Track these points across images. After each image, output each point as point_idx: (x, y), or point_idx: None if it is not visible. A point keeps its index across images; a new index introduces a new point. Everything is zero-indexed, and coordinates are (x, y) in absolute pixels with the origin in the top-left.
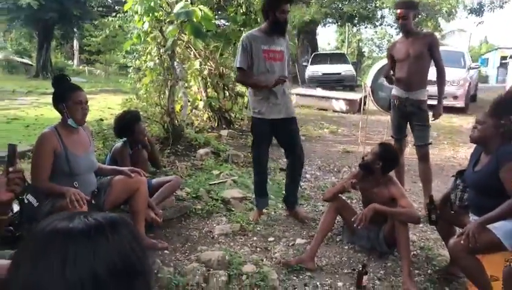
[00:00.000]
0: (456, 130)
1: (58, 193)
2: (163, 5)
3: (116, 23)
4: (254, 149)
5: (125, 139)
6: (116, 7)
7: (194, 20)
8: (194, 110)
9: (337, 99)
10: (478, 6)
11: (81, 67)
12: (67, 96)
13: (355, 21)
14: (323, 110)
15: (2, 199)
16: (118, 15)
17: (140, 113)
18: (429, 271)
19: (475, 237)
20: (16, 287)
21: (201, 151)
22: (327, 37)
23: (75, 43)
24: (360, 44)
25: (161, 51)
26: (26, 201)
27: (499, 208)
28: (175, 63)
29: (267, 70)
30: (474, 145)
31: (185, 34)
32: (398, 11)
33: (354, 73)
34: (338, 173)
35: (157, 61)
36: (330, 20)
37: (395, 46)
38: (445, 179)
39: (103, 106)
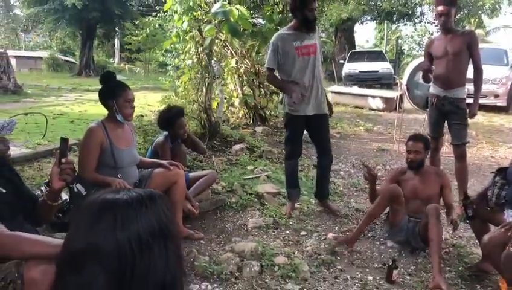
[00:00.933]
0: (496, 129)
1: (104, 183)
2: (202, 4)
3: (157, 23)
4: (288, 144)
5: (166, 133)
6: (156, 6)
7: (231, 19)
8: (229, 108)
9: (373, 97)
10: None
11: (121, 65)
12: (117, 94)
13: (394, 18)
14: (359, 108)
15: (55, 187)
16: (158, 14)
17: None
18: (460, 268)
19: None
20: (77, 245)
21: (237, 147)
22: (365, 34)
23: (116, 42)
24: (400, 41)
25: (199, 49)
26: (76, 190)
27: None
28: (212, 62)
29: (301, 66)
30: None
31: (222, 33)
32: (440, 8)
33: (392, 71)
34: None
35: (195, 59)
36: (368, 18)
37: (433, 44)
38: (482, 178)
39: (143, 103)
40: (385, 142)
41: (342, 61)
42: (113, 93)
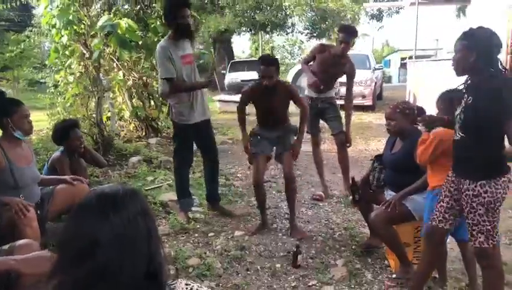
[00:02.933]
0: (366, 126)
1: (3, 204)
2: (84, 18)
3: (32, 39)
4: (178, 154)
5: (62, 149)
6: (18, 20)
7: (119, 32)
8: (119, 121)
9: None
10: (378, 12)
11: None
12: (12, 111)
13: (268, 29)
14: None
15: None
16: (33, 29)
17: None
18: (353, 247)
19: (396, 206)
20: (81, 232)
21: (133, 159)
22: (242, 45)
23: None
24: (273, 51)
25: (87, 63)
26: None
27: (415, 183)
28: (100, 75)
29: (187, 75)
30: (384, 138)
31: (109, 46)
32: (341, 35)
33: None
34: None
35: (77, 74)
36: (244, 29)
37: (323, 54)
38: (360, 168)
39: None
40: None
41: (223, 72)
42: (6, 111)
